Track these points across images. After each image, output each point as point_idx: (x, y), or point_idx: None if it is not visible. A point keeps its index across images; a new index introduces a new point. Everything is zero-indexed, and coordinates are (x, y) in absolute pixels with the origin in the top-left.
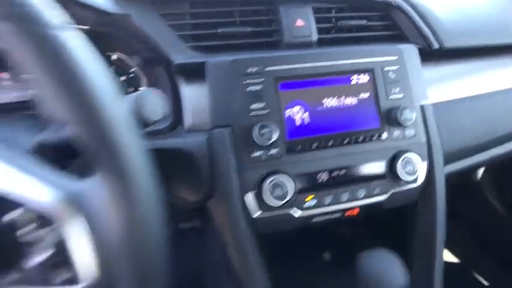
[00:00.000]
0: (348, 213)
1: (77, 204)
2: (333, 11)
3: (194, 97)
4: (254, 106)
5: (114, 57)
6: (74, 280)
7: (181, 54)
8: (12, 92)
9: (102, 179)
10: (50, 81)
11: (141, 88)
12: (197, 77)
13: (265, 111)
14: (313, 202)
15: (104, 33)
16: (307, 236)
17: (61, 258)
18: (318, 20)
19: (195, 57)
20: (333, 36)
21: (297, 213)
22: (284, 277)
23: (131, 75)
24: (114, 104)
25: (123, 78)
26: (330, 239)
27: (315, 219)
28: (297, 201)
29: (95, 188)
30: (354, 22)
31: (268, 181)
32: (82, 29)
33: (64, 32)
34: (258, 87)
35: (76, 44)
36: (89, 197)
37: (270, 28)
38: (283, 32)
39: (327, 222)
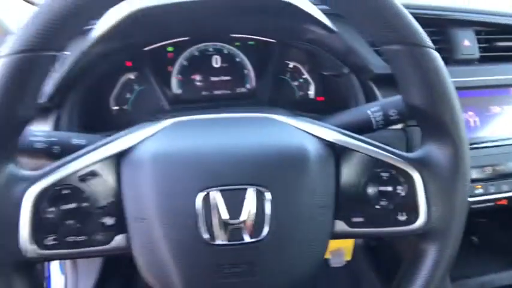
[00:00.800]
0: (498, 202)
1: (418, 165)
2: (490, 33)
3: None
4: None
5: (291, 65)
6: (409, 222)
7: (377, 66)
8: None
9: (439, 146)
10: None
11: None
12: (390, 85)
13: None
14: (481, 190)
15: (286, 44)
16: None
17: (405, 204)
18: (479, 41)
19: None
20: (492, 54)
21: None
22: None
23: (301, 80)
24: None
25: (295, 83)
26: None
27: (475, 206)
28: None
29: (431, 153)
30: (507, 43)
31: None
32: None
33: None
34: None
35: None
36: (427, 160)
37: (439, 46)
38: (453, 50)
39: (478, 210)
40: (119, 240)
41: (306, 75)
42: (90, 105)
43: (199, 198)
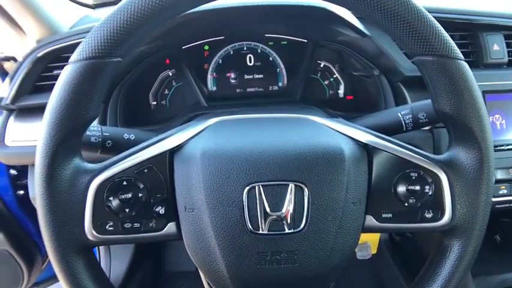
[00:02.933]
0: None
1: (445, 166)
2: None
3: None
4: None
5: (322, 65)
6: (435, 219)
7: (407, 68)
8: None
9: (466, 150)
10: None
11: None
12: (420, 87)
13: None
14: (505, 191)
15: (318, 44)
16: None
17: (431, 202)
18: (508, 45)
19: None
20: None
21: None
22: None
23: (332, 79)
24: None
25: (326, 82)
26: (498, 224)
27: (498, 206)
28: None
29: (458, 156)
30: None
31: None
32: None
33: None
34: None
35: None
36: (453, 162)
37: (468, 50)
38: (483, 54)
39: (502, 210)
40: (170, 227)
41: (337, 75)
42: (131, 101)
43: (245, 192)
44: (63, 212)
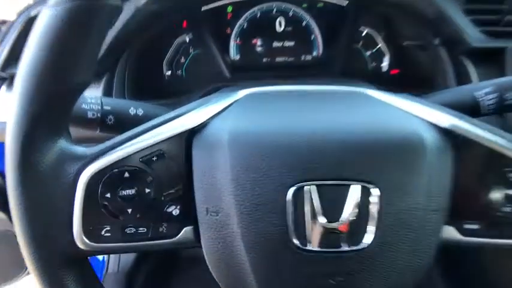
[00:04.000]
0: None
1: None
2: None
3: None
4: None
5: (364, 32)
6: None
7: (475, 38)
8: None
9: None
10: None
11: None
12: (489, 61)
13: None
14: None
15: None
16: None
17: None
18: None
19: (491, 42)
20: None
21: None
22: None
23: (375, 50)
24: None
25: (368, 53)
26: None
27: None
28: None
29: None
30: None
31: None
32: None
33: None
34: None
35: None
36: None
37: None
38: None
39: None
40: (186, 233)
41: (381, 45)
42: (141, 70)
43: (290, 194)
44: (44, 213)
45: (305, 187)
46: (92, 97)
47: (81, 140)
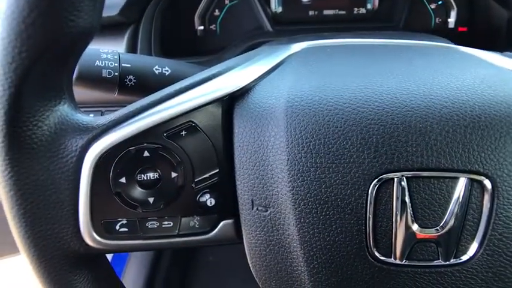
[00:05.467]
0: None
1: None
2: None
3: None
4: None
5: None
6: None
7: None
8: None
9: None
10: None
11: None
12: None
13: None
14: None
15: None
16: None
17: None
18: None
19: None
20: None
21: None
22: None
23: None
24: None
25: (432, 6)
26: None
27: None
28: None
29: None
30: None
31: None
32: None
33: None
34: None
35: None
36: None
37: None
38: None
39: None
40: (224, 228)
41: None
42: (170, 24)
43: (372, 188)
44: (42, 202)
45: (394, 179)
46: (108, 52)
47: (89, 107)
